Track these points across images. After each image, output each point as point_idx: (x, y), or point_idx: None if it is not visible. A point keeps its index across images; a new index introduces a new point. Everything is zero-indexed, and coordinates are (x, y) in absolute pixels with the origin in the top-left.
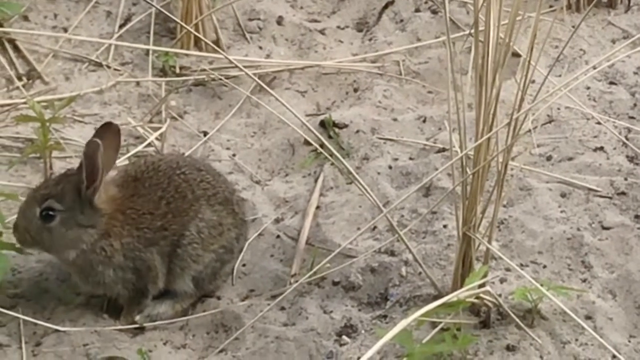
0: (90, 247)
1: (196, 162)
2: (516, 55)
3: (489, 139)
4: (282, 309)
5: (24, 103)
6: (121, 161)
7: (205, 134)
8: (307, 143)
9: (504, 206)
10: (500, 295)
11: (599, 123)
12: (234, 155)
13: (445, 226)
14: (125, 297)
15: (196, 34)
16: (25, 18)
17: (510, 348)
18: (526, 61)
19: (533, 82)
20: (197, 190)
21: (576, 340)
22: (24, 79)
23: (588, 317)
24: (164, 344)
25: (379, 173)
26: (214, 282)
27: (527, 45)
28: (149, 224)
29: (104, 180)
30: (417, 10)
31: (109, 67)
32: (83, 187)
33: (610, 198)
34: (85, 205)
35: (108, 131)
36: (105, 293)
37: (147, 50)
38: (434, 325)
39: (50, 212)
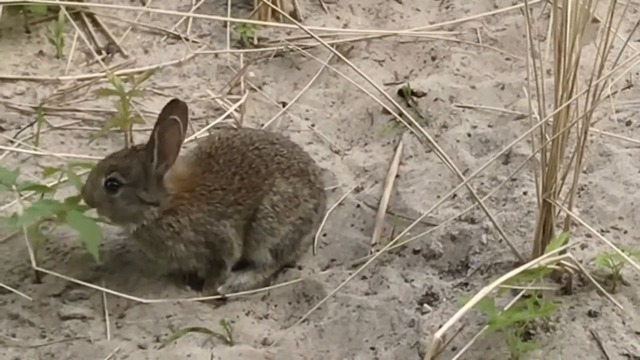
0: (154, 223)
1: (269, 136)
2: (595, 20)
3: (568, 105)
4: (364, 278)
5: (104, 77)
6: (201, 133)
7: (284, 104)
8: (385, 112)
9: (584, 172)
10: (581, 262)
11: None
12: (313, 125)
13: (525, 193)
14: (203, 271)
15: (273, 5)
16: None
17: (592, 314)
18: (606, 27)
19: (612, 47)
20: (271, 164)
21: None
22: (103, 52)
23: None
24: (247, 314)
25: (458, 141)
26: (293, 252)
27: (607, 11)
28: (221, 199)
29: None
30: None
31: (187, 39)
32: (152, 165)
33: None
34: (151, 182)
35: (176, 108)
36: (180, 267)
37: (225, 22)
38: (515, 292)
39: (114, 184)
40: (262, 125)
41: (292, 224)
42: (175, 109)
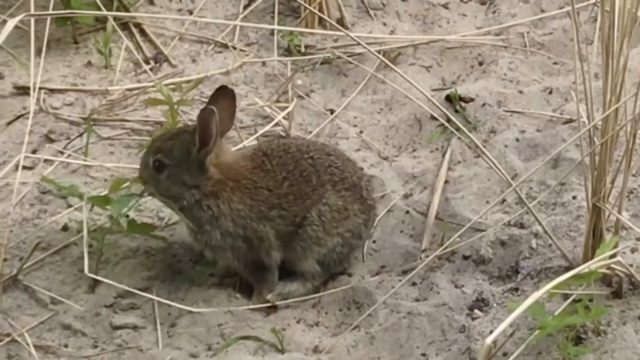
0: (195, 204)
1: (326, 147)
2: None
3: (617, 108)
4: (414, 284)
5: (152, 86)
6: (249, 141)
7: (332, 112)
8: (433, 118)
9: (634, 175)
10: (631, 265)
11: None
12: (361, 132)
13: (574, 197)
14: (241, 269)
15: (319, 13)
16: (151, 2)
17: None
18: None
19: None
20: (324, 175)
21: None
22: (152, 62)
23: None
24: (297, 322)
25: (506, 146)
26: (341, 265)
27: None
28: (265, 199)
29: (219, 145)
30: None
31: (234, 48)
32: (194, 149)
33: None
34: (193, 165)
35: (223, 96)
36: (216, 260)
37: (272, 30)
38: (565, 297)
39: (161, 164)
40: (310, 132)
41: (340, 235)
42: (223, 96)
